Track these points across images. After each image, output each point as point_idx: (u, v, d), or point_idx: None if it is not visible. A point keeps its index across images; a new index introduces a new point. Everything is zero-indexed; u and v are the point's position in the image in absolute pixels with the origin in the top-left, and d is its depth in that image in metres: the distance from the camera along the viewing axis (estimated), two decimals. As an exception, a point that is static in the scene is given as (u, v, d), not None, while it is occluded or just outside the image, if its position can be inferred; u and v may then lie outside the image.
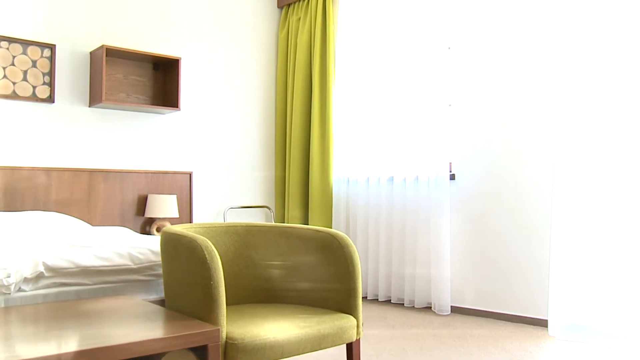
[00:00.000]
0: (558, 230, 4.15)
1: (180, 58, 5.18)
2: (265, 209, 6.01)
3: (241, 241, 3.01)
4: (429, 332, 4.27)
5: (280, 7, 6.26)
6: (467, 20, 4.89)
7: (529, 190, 4.51)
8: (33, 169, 4.70)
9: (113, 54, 5.00)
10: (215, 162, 5.72)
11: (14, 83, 4.68)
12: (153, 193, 5.23)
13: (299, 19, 5.98)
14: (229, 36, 5.87)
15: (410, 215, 5.13)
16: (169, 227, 2.66)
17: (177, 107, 5.16)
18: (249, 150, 5.95)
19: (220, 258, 2.93)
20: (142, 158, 5.27)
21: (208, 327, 2.17)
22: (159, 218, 5.13)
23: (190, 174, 5.47)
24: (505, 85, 4.64)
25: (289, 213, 5.87)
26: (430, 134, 5.03)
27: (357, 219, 5.51)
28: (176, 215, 5.11)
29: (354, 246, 2.84)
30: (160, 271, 3.03)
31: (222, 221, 5.62)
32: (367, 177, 5.47)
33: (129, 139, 5.21)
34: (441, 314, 4.86)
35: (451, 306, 4.94)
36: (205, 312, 2.33)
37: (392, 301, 5.30)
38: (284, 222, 5.98)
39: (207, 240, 2.39)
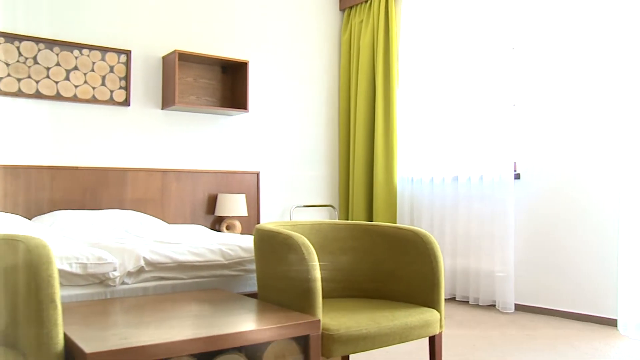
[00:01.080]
0: (627, 227, 4.17)
1: (248, 61, 5.33)
2: (330, 207, 6.13)
3: (325, 238, 3.13)
4: (496, 329, 4.33)
5: (342, 9, 6.37)
6: (532, 20, 4.93)
7: (596, 188, 4.53)
8: (110, 169, 4.90)
9: (184, 58, 5.18)
10: (282, 162, 5.86)
11: (93, 88, 4.90)
12: (222, 192, 5.40)
13: (361, 21, 6.09)
14: (293, 39, 6.01)
15: (474, 213, 5.19)
16: (261, 224, 2.79)
17: (245, 108, 5.31)
18: (313, 150, 6.09)
19: (309, 254, 3.05)
20: (212, 158, 5.45)
21: (310, 318, 2.29)
22: (229, 216, 5.29)
23: (257, 174, 5.63)
24: (571, 85, 4.67)
25: (353, 212, 5.98)
26: (495, 133, 5.08)
27: (421, 218, 5.59)
28: (245, 213, 5.27)
29: (436, 243, 2.94)
30: (249, 266, 3.17)
31: (288, 219, 5.76)
32: (431, 176, 5.55)
33: (200, 140, 5.39)
34: (505, 311, 4.91)
35: (515, 304, 4.99)
36: (303, 304, 2.45)
37: (456, 299, 5.37)
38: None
39: (303, 237, 2.51)
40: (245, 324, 2.21)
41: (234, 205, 5.21)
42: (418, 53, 5.74)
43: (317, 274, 2.45)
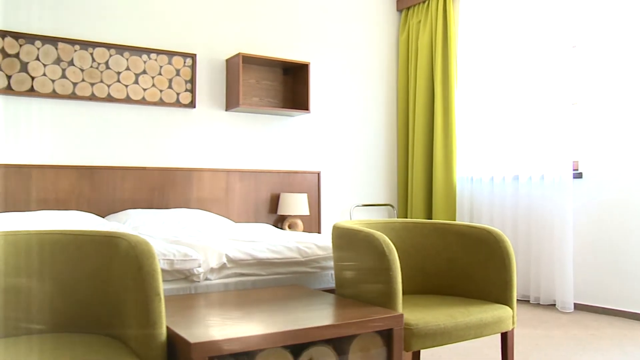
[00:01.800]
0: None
1: (309, 63, 5.43)
2: (389, 207, 6.20)
3: (398, 236, 3.20)
4: (558, 328, 4.33)
5: (399, 10, 6.43)
6: (593, 17, 4.91)
7: (662, 187, 4.51)
8: (177, 169, 5.06)
9: (247, 61, 5.31)
10: (342, 162, 5.95)
11: (160, 91, 5.05)
12: (285, 192, 5.51)
13: (419, 21, 6.13)
14: (352, 41, 6.09)
15: (535, 213, 5.19)
16: (339, 223, 2.88)
17: (307, 109, 5.41)
18: (372, 150, 6.16)
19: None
20: (274, 158, 5.56)
21: (393, 313, 2.37)
22: (291, 215, 5.39)
23: (318, 174, 5.73)
24: (635, 83, 4.65)
25: (412, 211, 6.03)
26: (555, 132, 5.07)
27: (481, 217, 5.62)
28: (307, 212, 5.37)
29: (509, 241, 2.98)
30: (324, 263, 3.26)
31: (348, 218, 5.85)
32: (491, 175, 5.57)
33: (262, 141, 5.51)
34: (565, 311, 4.91)
35: (574, 303, 4.98)
36: (384, 300, 2.53)
37: (517, 298, 5.39)
38: (404, 220, 6.13)
39: (383, 234, 2.59)
40: (333, 318, 2.29)
41: (296, 204, 5.32)
42: (477, 52, 5.76)
43: (397, 269, 2.53)
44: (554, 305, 5.10)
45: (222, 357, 2.00)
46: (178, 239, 3.34)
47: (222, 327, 2.14)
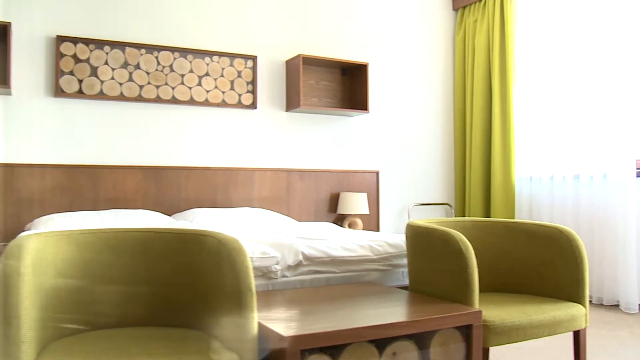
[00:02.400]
0: None
1: (368, 63, 5.49)
2: (446, 206, 6.22)
3: (469, 235, 3.24)
4: (624, 329, 4.29)
5: (455, 9, 6.43)
6: (658, 15, 4.86)
7: None
8: (239, 169, 5.16)
9: (306, 62, 5.38)
10: (400, 161, 5.99)
11: (223, 92, 5.16)
12: (344, 191, 5.57)
13: (476, 20, 6.14)
14: (408, 41, 6.12)
15: (597, 212, 5.14)
16: (413, 221, 2.93)
17: (366, 109, 5.47)
18: (430, 149, 6.18)
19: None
20: (333, 158, 5.63)
21: (472, 309, 2.41)
22: (350, 214, 5.45)
23: (377, 173, 5.78)
24: (702, 80, 4.59)
25: (469, 211, 6.04)
26: (617, 130, 5.02)
27: (541, 217, 5.59)
28: (366, 212, 5.42)
29: (580, 240, 3.00)
30: (396, 261, 3.32)
31: (406, 217, 5.88)
32: (551, 174, 5.54)
33: (322, 141, 5.58)
34: (628, 311, 4.86)
35: (639, 304, 4.93)
36: (461, 296, 2.57)
37: (579, 297, 5.35)
38: (461, 219, 6.14)
39: (459, 233, 2.63)
40: (415, 313, 2.35)
41: (356, 203, 5.37)
42: (535, 49, 5.73)
43: (474, 266, 2.57)
44: (618, 305, 5.06)
45: (311, 351, 2.07)
46: (251, 237, 3.43)
47: (309, 322, 2.21)
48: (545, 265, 3.08)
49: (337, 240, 3.35)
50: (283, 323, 2.17)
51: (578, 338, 3.00)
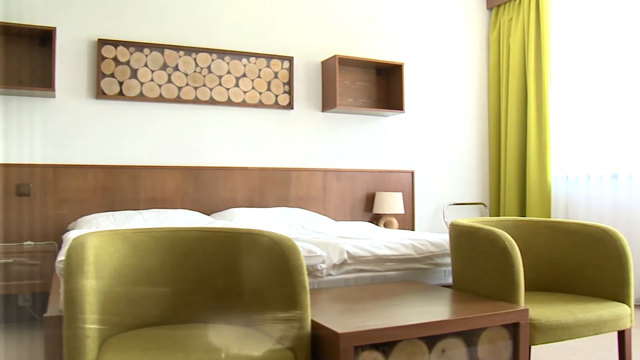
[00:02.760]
0: None
1: (404, 63, 5.51)
2: (481, 205, 6.22)
3: (510, 234, 3.25)
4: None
5: (489, 8, 6.43)
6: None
7: None
8: (276, 169, 5.22)
9: (342, 62, 5.42)
10: (434, 161, 6.00)
11: (260, 93, 5.22)
12: (379, 191, 5.61)
13: (511, 19, 6.12)
14: (443, 40, 6.13)
15: (636, 212, 5.11)
16: (457, 220, 2.95)
17: (401, 109, 5.49)
18: (464, 148, 6.18)
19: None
20: (369, 158, 5.66)
21: (519, 307, 2.43)
22: (386, 214, 5.48)
23: (412, 173, 5.80)
24: None
25: (504, 210, 6.03)
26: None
27: (577, 217, 5.56)
28: (402, 211, 5.45)
29: (625, 239, 3.00)
30: (438, 260, 3.34)
31: (441, 217, 5.90)
32: (587, 174, 5.52)
33: (357, 141, 5.62)
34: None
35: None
36: (507, 295, 2.60)
37: (617, 297, 5.32)
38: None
39: (504, 232, 2.65)
40: (463, 311, 2.37)
41: (391, 203, 5.40)
42: (571, 48, 5.70)
43: (520, 265, 2.59)
44: (656, 306, 5.03)
45: (364, 347, 2.11)
46: (295, 236, 3.48)
47: (360, 319, 2.25)
48: (588, 264, 3.08)
49: (380, 239, 3.39)
50: (335, 320, 2.21)
51: (623, 338, 3.00)
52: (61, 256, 2.72)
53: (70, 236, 3.72)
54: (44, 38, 4.57)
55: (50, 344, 2.52)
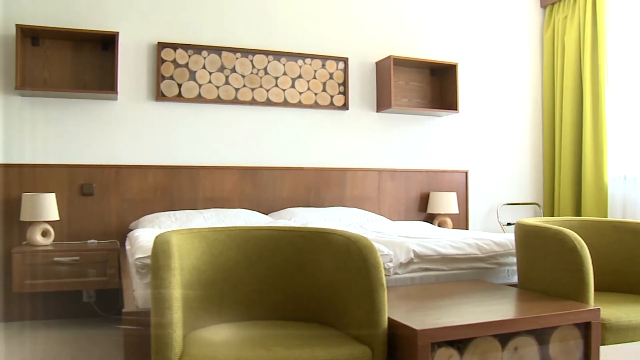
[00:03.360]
0: None
1: (458, 63, 5.52)
2: (535, 205, 6.19)
3: (577, 234, 3.25)
4: None
5: (543, 6, 6.37)
6: None
7: None
8: (331, 169, 5.27)
9: (396, 63, 5.45)
10: (488, 161, 5.98)
11: (315, 94, 5.28)
12: (433, 191, 5.62)
13: (565, 17, 6.07)
14: (496, 39, 6.10)
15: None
16: (522, 220, 2.97)
17: (455, 109, 5.50)
18: (518, 148, 6.15)
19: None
20: (423, 158, 5.68)
21: (591, 307, 2.44)
22: (440, 214, 5.49)
23: (466, 173, 5.80)
24: None
25: (559, 210, 5.98)
26: None
27: (636, 217, 5.46)
28: (456, 211, 5.45)
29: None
30: (502, 260, 3.36)
31: (495, 217, 5.88)
32: (646, 173, 5.45)
33: (411, 141, 5.64)
34: None
35: None
36: (576, 294, 2.61)
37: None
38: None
39: (573, 232, 2.66)
40: (534, 310, 2.39)
41: (445, 203, 5.41)
42: (629, 45, 5.61)
43: (590, 265, 2.60)
44: None
45: (440, 344, 2.15)
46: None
47: (434, 316, 2.28)
48: (656, 264, 3.07)
49: (444, 238, 3.42)
50: (411, 318, 2.25)
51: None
52: (140, 253, 2.80)
53: (137, 234, 3.83)
54: (106, 42, 4.70)
55: (128, 338, 2.60)
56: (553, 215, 6.14)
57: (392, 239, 3.33)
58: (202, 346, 2.12)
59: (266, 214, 4.93)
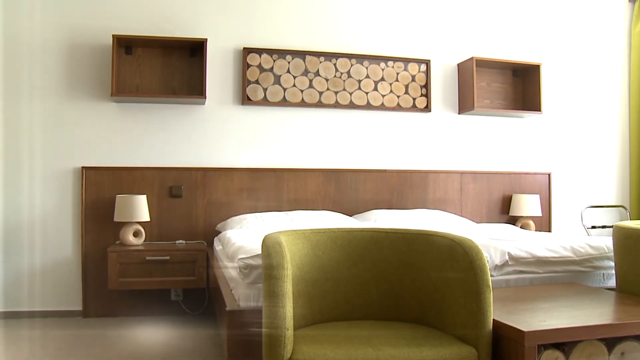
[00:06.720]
0: None
1: (541, 64, 5.46)
2: (621, 208, 6.06)
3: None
4: None
5: (631, 1, 6.19)
6: None
7: None
8: (414, 171, 5.30)
9: (478, 64, 5.42)
10: (572, 162, 5.88)
11: (398, 96, 5.32)
12: (516, 193, 5.57)
13: (655, 12, 5.90)
14: (580, 37, 5.98)
15: None
16: (620, 223, 2.95)
17: (538, 110, 5.44)
18: (603, 149, 6.02)
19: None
20: (505, 159, 5.64)
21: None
22: (523, 216, 5.44)
23: (549, 175, 5.73)
24: None
25: (647, 213, 5.85)
26: None
27: None
28: (539, 214, 5.40)
29: None
30: (597, 263, 3.32)
31: (579, 220, 5.79)
32: None
33: (493, 142, 5.61)
34: None
35: None
36: (682, 299, 2.57)
37: None
38: None
39: (678, 234, 2.63)
40: (640, 314, 2.38)
41: (528, 205, 5.36)
42: None
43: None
44: None
45: (546, 346, 2.16)
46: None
47: (539, 318, 2.30)
48: None
49: (539, 241, 3.41)
50: (516, 319, 2.26)
51: None
52: (242, 254, 2.89)
53: (228, 236, 3.95)
54: (194, 49, 4.85)
55: (231, 336, 2.70)
56: (639, 219, 5.99)
57: (484, 241, 3.34)
58: (310, 344, 2.18)
59: (350, 216, 4.98)
